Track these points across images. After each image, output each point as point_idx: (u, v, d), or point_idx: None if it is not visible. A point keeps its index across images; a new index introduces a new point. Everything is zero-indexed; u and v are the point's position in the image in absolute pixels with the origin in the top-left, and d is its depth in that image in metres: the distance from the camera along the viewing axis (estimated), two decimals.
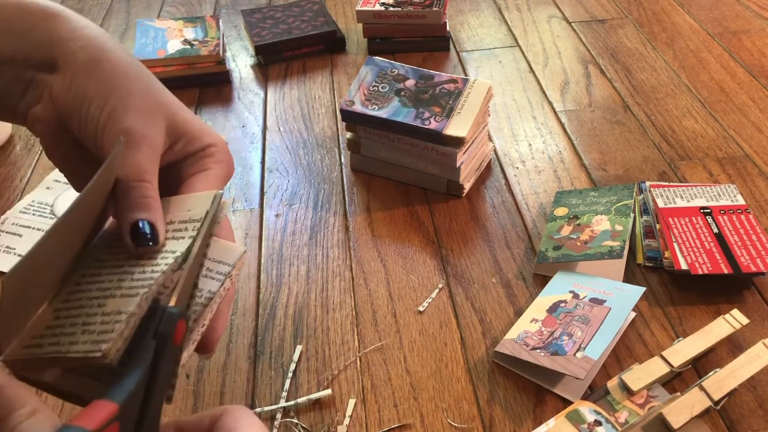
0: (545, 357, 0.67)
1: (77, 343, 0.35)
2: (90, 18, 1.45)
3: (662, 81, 1.14)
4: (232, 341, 0.75)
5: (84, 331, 0.36)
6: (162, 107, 0.42)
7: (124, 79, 0.41)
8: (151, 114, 0.41)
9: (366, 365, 0.71)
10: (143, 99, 0.41)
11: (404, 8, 1.23)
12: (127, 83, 0.41)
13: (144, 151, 0.40)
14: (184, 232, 0.40)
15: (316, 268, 0.83)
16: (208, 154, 0.44)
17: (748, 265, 0.75)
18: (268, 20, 1.30)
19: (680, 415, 0.61)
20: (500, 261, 0.83)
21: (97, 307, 0.37)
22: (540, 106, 1.10)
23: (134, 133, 0.40)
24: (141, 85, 0.42)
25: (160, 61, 1.16)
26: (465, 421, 0.66)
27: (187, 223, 0.41)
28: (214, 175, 0.44)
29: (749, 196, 0.89)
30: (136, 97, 0.41)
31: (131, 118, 0.40)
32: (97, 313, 0.37)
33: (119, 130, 0.39)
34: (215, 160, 0.44)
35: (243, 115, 1.12)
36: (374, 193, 0.94)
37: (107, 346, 0.34)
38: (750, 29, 1.27)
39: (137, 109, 0.40)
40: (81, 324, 0.36)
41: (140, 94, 0.41)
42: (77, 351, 0.35)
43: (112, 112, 0.40)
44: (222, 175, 0.44)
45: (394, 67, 0.97)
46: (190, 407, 0.68)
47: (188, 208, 0.42)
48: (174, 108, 0.43)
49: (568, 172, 0.96)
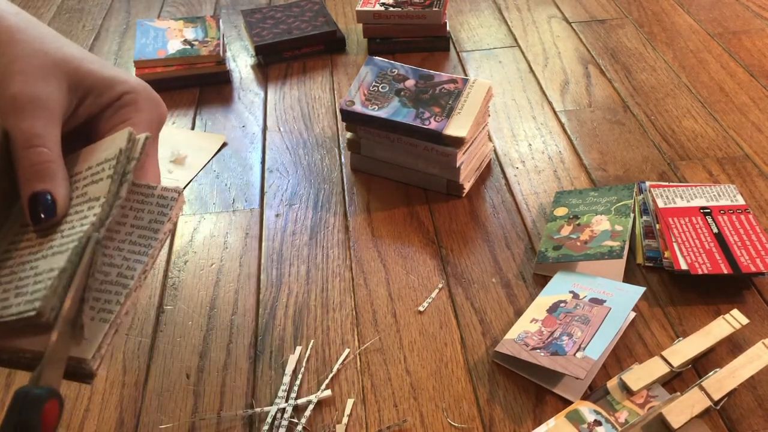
0: (545, 357, 0.67)
1: (11, 306, 0.35)
2: (90, 18, 1.45)
3: (662, 81, 1.14)
4: (232, 341, 0.75)
5: (17, 294, 0.35)
6: (59, 65, 0.40)
7: (9, 45, 0.39)
8: (44, 75, 0.39)
9: (366, 365, 0.71)
10: (33, 61, 0.39)
11: (404, 8, 1.23)
12: (12, 48, 0.39)
13: (34, 115, 0.38)
14: (102, 174, 0.39)
15: (316, 268, 0.83)
16: (127, 103, 0.42)
17: (747, 265, 0.75)
18: (268, 20, 1.30)
19: (680, 415, 0.61)
20: (500, 261, 0.83)
21: (29, 270, 0.36)
22: (540, 106, 1.10)
23: (21, 98, 0.38)
24: (30, 47, 0.39)
25: (161, 61, 1.16)
26: (465, 421, 0.66)
27: (103, 163, 0.39)
28: (136, 123, 0.41)
29: (749, 196, 0.89)
30: (24, 61, 0.39)
31: (17, 83, 0.38)
32: (30, 275, 0.36)
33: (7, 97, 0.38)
34: (135, 108, 0.42)
35: (243, 115, 1.12)
36: (374, 193, 0.94)
37: (41, 303, 0.34)
38: (750, 29, 1.27)
39: (24, 73, 0.39)
40: (14, 288, 0.36)
41: (29, 57, 0.39)
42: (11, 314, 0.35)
43: (0, 80, 0.38)
44: (147, 121, 0.42)
45: (394, 67, 0.97)
46: (190, 407, 0.68)
47: (103, 150, 0.40)
48: (76, 63, 0.41)
49: (568, 172, 0.96)
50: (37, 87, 0.38)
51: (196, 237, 0.89)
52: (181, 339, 0.75)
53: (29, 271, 0.36)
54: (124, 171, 0.39)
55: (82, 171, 0.40)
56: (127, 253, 0.39)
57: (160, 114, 0.43)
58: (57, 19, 1.47)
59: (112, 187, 0.38)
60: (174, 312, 0.78)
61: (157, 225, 0.41)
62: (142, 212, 0.41)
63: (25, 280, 0.36)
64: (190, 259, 0.85)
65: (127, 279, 0.39)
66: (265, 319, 0.77)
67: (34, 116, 0.38)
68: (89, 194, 0.39)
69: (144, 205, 0.41)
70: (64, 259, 0.35)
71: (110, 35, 1.39)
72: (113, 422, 0.67)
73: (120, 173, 0.39)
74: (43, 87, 0.39)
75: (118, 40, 1.37)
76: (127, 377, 0.71)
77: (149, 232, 0.40)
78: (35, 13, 1.50)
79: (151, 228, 0.40)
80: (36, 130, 0.38)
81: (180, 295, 0.80)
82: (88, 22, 1.44)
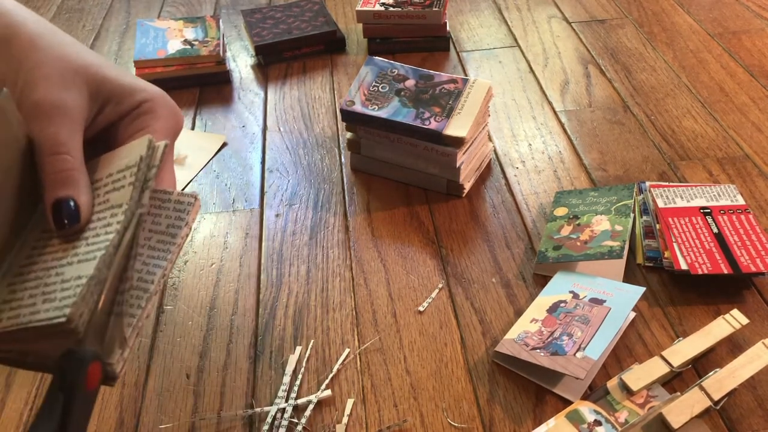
0: (545, 357, 0.67)
1: (39, 312, 0.35)
2: (90, 18, 1.45)
3: (662, 81, 1.14)
4: (232, 341, 0.75)
5: (45, 300, 0.35)
6: (80, 72, 0.40)
7: (31, 52, 0.39)
8: (66, 82, 0.39)
9: (366, 365, 0.71)
10: (54, 68, 0.39)
11: (404, 8, 1.23)
12: (35, 55, 0.39)
13: (57, 122, 0.38)
14: (123, 181, 0.39)
15: (316, 268, 0.83)
16: (145, 111, 0.42)
17: (747, 265, 0.75)
18: (268, 20, 1.30)
19: (680, 415, 0.61)
20: (500, 261, 0.83)
21: (55, 276, 0.36)
22: (540, 106, 1.10)
23: (45, 105, 0.38)
24: (53, 54, 0.40)
25: (161, 61, 1.16)
26: (465, 420, 0.66)
27: (124, 171, 0.39)
28: (154, 131, 0.41)
29: (749, 196, 0.89)
30: (46, 68, 0.39)
31: (41, 89, 0.38)
32: (56, 282, 0.36)
33: (30, 104, 0.38)
34: (154, 116, 0.42)
35: (243, 115, 1.12)
36: (374, 193, 0.94)
37: (71, 310, 0.34)
38: (750, 29, 1.27)
39: (48, 80, 0.39)
40: (41, 294, 0.36)
41: (51, 64, 0.39)
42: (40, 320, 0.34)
43: (24, 87, 0.38)
44: (165, 129, 0.42)
45: (394, 67, 0.97)
46: (190, 407, 0.68)
47: (124, 157, 0.40)
48: (95, 69, 0.41)
49: (568, 172, 0.96)
50: (61, 94, 0.39)
51: (196, 237, 0.89)
52: (181, 339, 0.75)
53: (55, 277, 0.36)
54: (145, 178, 0.39)
55: (103, 178, 0.40)
56: (146, 258, 0.40)
57: (177, 122, 0.43)
58: (57, 19, 1.47)
59: (134, 194, 0.38)
60: (174, 312, 0.78)
61: (175, 230, 0.41)
62: (160, 217, 0.41)
63: (52, 286, 0.36)
64: (190, 259, 0.85)
65: (147, 283, 0.39)
66: (265, 319, 0.77)
67: (58, 123, 0.38)
68: (111, 201, 0.39)
69: (161, 210, 0.41)
70: (92, 267, 0.35)
71: (110, 35, 1.39)
72: (113, 422, 0.67)
73: (141, 180, 0.39)
74: (66, 94, 0.39)
75: (118, 40, 1.37)
76: (127, 377, 0.71)
77: (167, 237, 0.41)
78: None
79: (168, 233, 0.41)
80: (60, 137, 0.38)
81: (180, 295, 0.80)
82: (88, 22, 1.44)
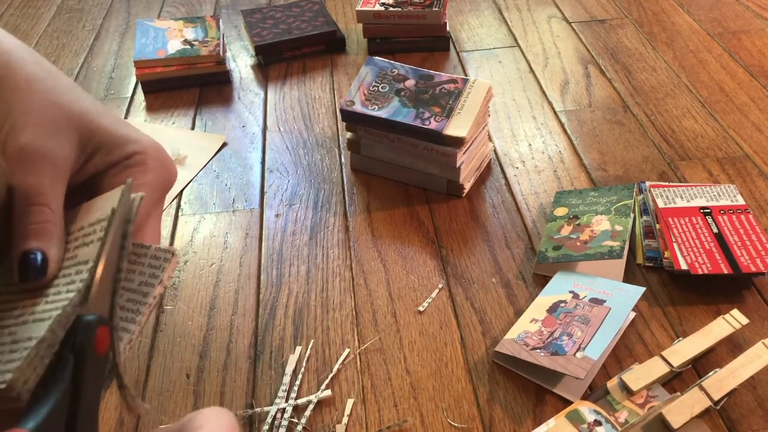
0: (545, 357, 0.67)
1: None
2: (90, 18, 1.45)
3: (662, 81, 1.14)
4: (232, 341, 0.75)
5: None
6: (73, 119, 0.39)
7: (25, 94, 0.38)
8: (57, 128, 0.38)
9: (366, 365, 0.71)
10: (46, 114, 0.38)
11: (404, 8, 1.23)
12: (28, 98, 0.38)
13: (42, 170, 0.37)
14: (93, 236, 0.36)
15: (316, 268, 0.83)
16: (135, 163, 0.40)
17: (747, 265, 0.75)
18: (268, 20, 1.30)
19: (680, 415, 0.61)
20: (500, 261, 0.83)
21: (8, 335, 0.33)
22: (540, 106, 1.10)
23: (31, 151, 0.37)
24: (46, 99, 0.38)
25: (161, 61, 1.16)
26: (465, 420, 0.66)
27: (95, 224, 0.37)
28: (141, 184, 0.39)
29: (749, 196, 0.89)
30: (37, 113, 0.38)
31: (29, 135, 0.37)
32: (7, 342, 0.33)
33: (15, 148, 0.37)
34: (143, 168, 0.40)
35: (243, 115, 1.12)
36: (374, 193, 0.94)
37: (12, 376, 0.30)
38: (750, 29, 1.27)
39: (38, 125, 0.37)
40: None
41: (43, 109, 0.38)
42: None
43: (10, 130, 0.37)
44: (153, 183, 0.40)
45: (394, 67, 0.97)
46: (190, 407, 0.68)
47: (98, 209, 0.37)
48: (89, 117, 0.40)
49: (568, 172, 0.96)
50: (48, 141, 0.37)
51: (196, 237, 0.89)
52: (181, 339, 0.75)
53: (7, 336, 0.33)
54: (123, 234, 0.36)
55: (74, 231, 0.38)
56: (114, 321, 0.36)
57: (168, 178, 0.41)
58: (57, 19, 1.47)
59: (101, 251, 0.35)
60: (174, 312, 0.78)
61: (147, 288, 0.38)
62: (134, 273, 0.38)
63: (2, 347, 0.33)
64: (191, 259, 0.85)
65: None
66: (265, 319, 0.77)
67: (41, 172, 0.37)
68: (79, 257, 0.36)
69: (135, 266, 0.38)
70: (44, 328, 0.32)
71: (110, 35, 1.39)
72: (113, 422, 0.67)
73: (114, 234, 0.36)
74: (53, 141, 0.38)
75: (118, 40, 1.37)
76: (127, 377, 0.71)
77: (138, 296, 0.37)
78: (35, 13, 1.50)
79: (140, 291, 0.37)
80: (42, 188, 0.37)
81: (180, 295, 0.80)
82: (88, 22, 1.44)
